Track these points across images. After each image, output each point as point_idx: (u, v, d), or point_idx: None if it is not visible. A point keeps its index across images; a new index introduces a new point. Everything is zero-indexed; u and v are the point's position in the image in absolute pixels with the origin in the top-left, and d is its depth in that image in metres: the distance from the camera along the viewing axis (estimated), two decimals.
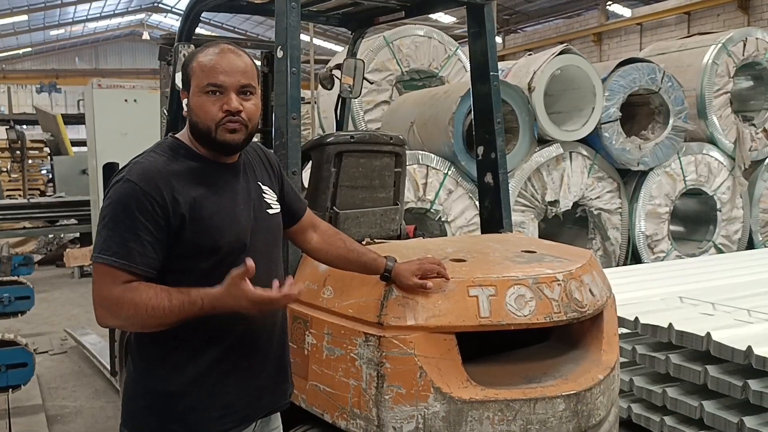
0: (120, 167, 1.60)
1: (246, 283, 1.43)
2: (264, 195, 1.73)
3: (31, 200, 10.16)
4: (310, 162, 2.60)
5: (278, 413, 1.84)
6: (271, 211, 1.73)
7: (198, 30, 3.15)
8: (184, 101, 1.62)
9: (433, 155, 5.44)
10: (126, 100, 8.27)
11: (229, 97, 1.56)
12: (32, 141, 13.75)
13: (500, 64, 6.66)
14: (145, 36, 27.67)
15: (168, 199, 1.50)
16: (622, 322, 3.23)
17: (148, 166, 1.54)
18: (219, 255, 1.56)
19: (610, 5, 17.26)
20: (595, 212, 6.16)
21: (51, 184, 13.85)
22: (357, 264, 1.93)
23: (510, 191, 5.31)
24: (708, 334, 2.93)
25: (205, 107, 1.57)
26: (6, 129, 13.29)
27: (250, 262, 1.42)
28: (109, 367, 4.11)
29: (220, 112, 1.56)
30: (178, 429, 1.58)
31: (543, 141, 5.92)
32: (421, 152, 5.44)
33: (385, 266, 1.89)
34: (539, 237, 5.74)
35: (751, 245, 6.86)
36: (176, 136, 1.67)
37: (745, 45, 6.64)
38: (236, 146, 1.62)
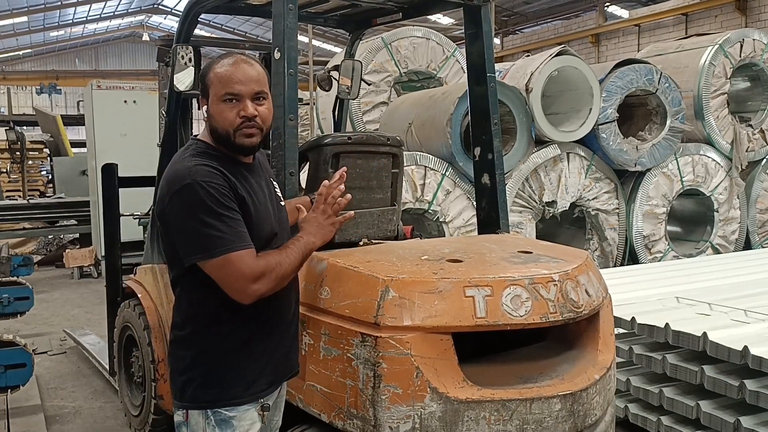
0: (170, 175, 1.72)
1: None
2: (275, 190, 1.96)
3: (31, 201, 10.16)
4: (308, 163, 2.61)
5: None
6: (282, 203, 1.97)
7: (198, 31, 3.16)
8: (204, 108, 1.81)
9: (431, 156, 5.46)
10: (125, 101, 8.29)
11: (245, 104, 1.74)
12: (32, 142, 13.74)
13: (498, 65, 6.69)
14: (145, 37, 27.67)
15: (233, 192, 1.70)
16: (619, 322, 3.25)
17: (204, 167, 1.70)
18: (258, 248, 1.74)
19: (608, 6, 17.29)
20: (593, 213, 6.17)
21: (51, 185, 13.85)
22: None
23: (507, 192, 5.34)
24: (704, 334, 2.94)
25: (224, 114, 1.75)
26: (6, 130, 13.29)
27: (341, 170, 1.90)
28: (108, 367, 4.12)
29: (237, 118, 1.74)
30: (218, 393, 1.76)
31: (540, 142, 5.93)
32: (419, 153, 5.46)
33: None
34: (537, 237, 5.76)
35: (748, 246, 6.88)
36: (203, 138, 1.82)
37: (742, 46, 6.66)
38: (253, 148, 1.82)
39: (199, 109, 1.94)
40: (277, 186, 1.97)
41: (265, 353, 1.83)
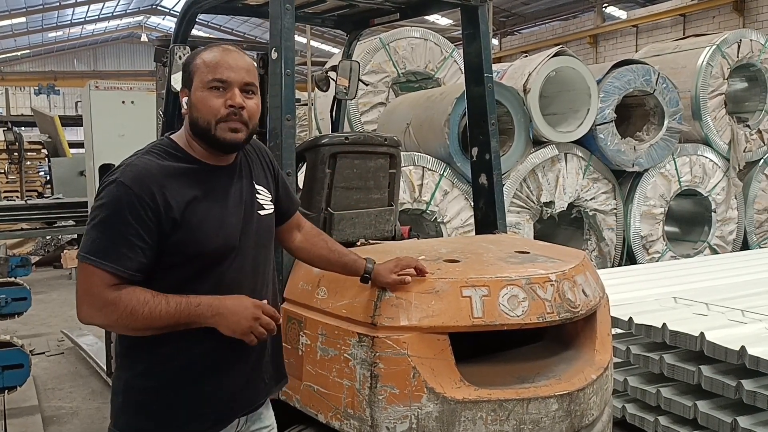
0: (114, 167, 1.60)
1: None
2: (257, 195, 1.72)
3: (29, 202, 10.13)
4: (305, 163, 2.61)
5: (270, 410, 1.84)
6: (262, 213, 1.72)
7: (196, 32, 3.16)
8: (184, 100, 1.63)
9: (428, 156, 5.46)
10: (123, 102, 8.27)
11: (233, 92, 1.56)
12: (30, 142, 13.69)
13: (496, 66, 6.70)
14: (144, 38, 27.67)
15: (161, 203, 1.51)
16: (616, 322, 3.25)
17: (141, 168, 1.53)
18: (203, 261, 1.57)
19: (606, 7, 17.32)
20: (590, 213, 6.18)
21: (49, 186, 13.81)
22: (338, 264, 1.95)
23: (505, 192, 5.33)
24: (702, 334, 2.94)
25: (208, 102, 1.56)
26: (4, 131, 13.25)
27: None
28: (105, 368, 4.13)
29: (223, 108, 1.56)
30: (150, 426, 1.59)
31: (538, 142, 5.94)
32: (417, 153, 5.46)
33: (364, 267, 1.92)
34: (534, 238, 5.76)
35: (745, 246, 6.88)
36: (172, 137, 1.67)
37: (739, 47, 6.67)
38: (236, 145, 1.62)
39: (179, 105, 1.73)
40: (262, 193, 1.74)
41: (209, 385, 1.61)
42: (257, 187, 1.73)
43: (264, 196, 1.75)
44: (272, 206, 1.77)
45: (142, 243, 1.49)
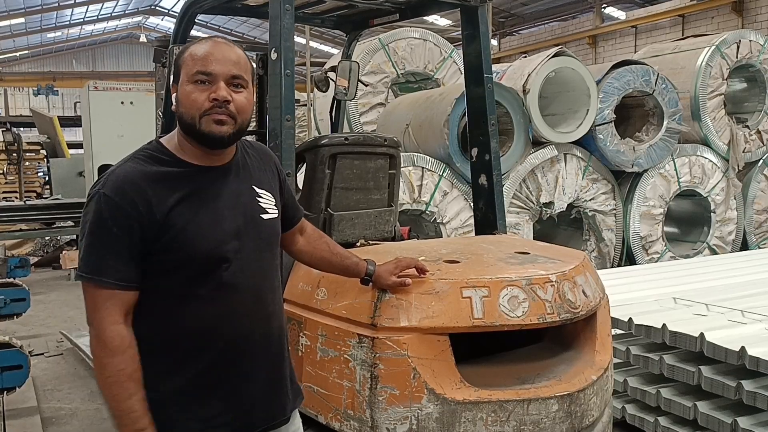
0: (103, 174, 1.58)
1: None
2: (258, 199, 1.65)
3: (28, 202, 10.11)
4: (305, 164, 2.61)
5: (299, 425, 1.78)
6: (265, 216, 1.65)
7: (195, 32, 3.16)
8: (173, 96, 1.57)
9: (428, 157, 5.46)
10: (122, 103, 8.29)
11: (217, 86, 1.50)
12: (29, 143, 13.66)
13: (495, 67, 6.70)
14: (143, 39, 27.74)
15: (143, 210, 1.47)
16: (616, 322, 3.24)
17: (123, 177, 1.50)
18: (197, 265, 1.52)
19: (605, 8, 17.35)
20: (590, 214, 6.18)
21: (48, 187, 13.81)
22: (339, 267, 1.94)
23: (505, 193, 5.34)
24: (702, 334, 2.94)
25: (192, 96, 1.50)
26: (2, 131, 13.24)
27: None
28: None
29: (206, 102, 1.50)
30: None
31: (538, 143, 5.94)
32: (416, 154, 5.46)
33: (366, 269, 1.91)
34: (534, 238, 5.76)
35: (745, 246, 6.89)
36: (162, 140, 1.62)
37: (738, 47, 6.67)
38: (222, 139, 1.53)
39: (169, 101, 1.64)
40: (264, 197, 1.67)
41: (221, 399, 1.56)
42: (259, 191, 1.66)
43: (267, 201, 1.68)
44: (276, 211, 1.70)
45: (130, 253, 1.47)
